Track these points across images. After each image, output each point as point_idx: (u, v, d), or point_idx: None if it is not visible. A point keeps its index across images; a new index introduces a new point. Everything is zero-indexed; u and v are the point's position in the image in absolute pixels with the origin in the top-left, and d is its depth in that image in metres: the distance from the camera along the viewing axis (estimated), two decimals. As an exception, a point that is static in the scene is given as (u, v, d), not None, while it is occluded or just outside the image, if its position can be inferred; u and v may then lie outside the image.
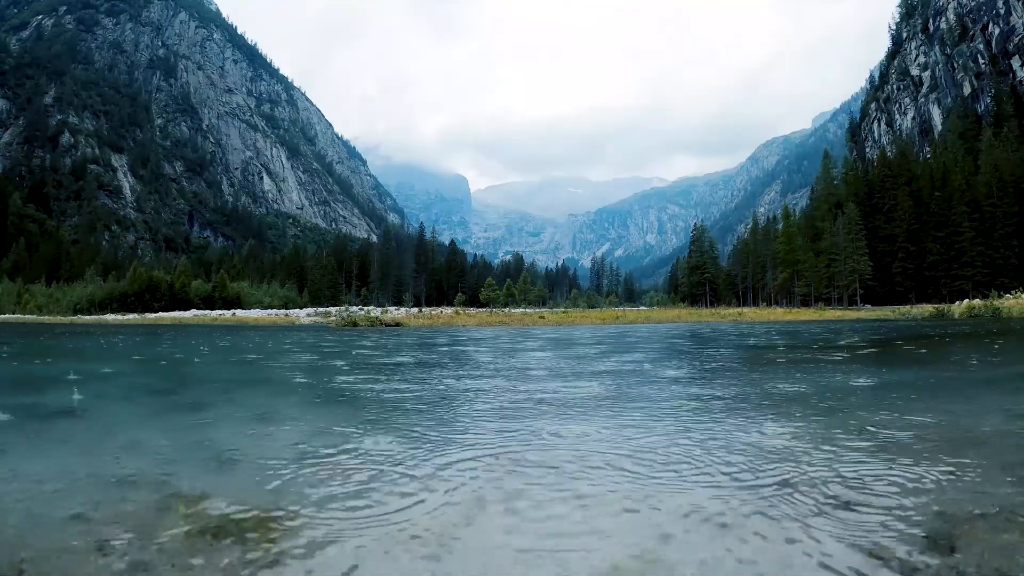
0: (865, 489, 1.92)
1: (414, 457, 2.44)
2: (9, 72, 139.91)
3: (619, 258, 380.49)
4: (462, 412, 3.61)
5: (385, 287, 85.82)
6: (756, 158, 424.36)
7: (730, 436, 2.77)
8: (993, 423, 3.01)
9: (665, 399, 4.05)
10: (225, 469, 2.29)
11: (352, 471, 2.22)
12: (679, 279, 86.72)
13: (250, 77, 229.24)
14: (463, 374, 5.98)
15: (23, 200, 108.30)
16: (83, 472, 2.23)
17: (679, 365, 6.89)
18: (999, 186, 50.70)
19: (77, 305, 55.09)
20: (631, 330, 17.64)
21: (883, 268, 54.39)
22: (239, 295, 62.97)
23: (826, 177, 64.72)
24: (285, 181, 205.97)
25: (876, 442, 2.61)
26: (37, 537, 1.58)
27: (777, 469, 2.17)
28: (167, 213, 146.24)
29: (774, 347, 9.68)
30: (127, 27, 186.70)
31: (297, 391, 5.05)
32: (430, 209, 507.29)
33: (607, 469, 2.23)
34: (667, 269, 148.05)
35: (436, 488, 2.00)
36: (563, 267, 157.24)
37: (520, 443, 2.69)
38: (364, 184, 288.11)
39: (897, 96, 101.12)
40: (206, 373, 6.91)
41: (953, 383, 4.83)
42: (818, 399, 3.92)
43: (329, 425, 3.23)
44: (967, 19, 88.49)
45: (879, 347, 9.26)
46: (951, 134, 69.91)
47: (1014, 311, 21.37)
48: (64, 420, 3.53)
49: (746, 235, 78.35)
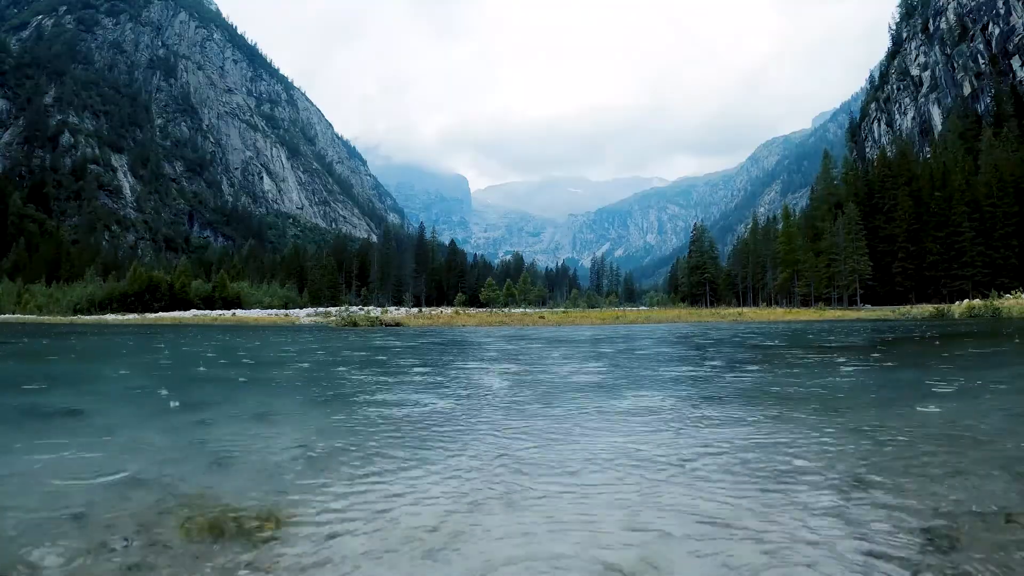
0: (865, 488, 1.92)
1: (414, 457, 2.44)
2: (9, 72, 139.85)
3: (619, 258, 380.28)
4: (463, 412, 3.61)
5: (385, 287, 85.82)
6: (756, 158, 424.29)
7: (729, 435, 2.77)
8: (993, 423, 3.01)
9: (664, 399, 4.05)
10: (225, 469, 2.29)
11: (352, 471, 2.22)
12: (679, 279, 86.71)
13: (250, 77, 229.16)
14: (464, 374, 5.98)
15: (23, 200, 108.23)
16: (84, 472, 2.23)
17: (681, 365, 6.89)
18: (999, 186, 50.68)
19: (77, 305, 55.06)
20: (631, 330, 17.63)
21: (883, 268, 54.37)
22: (239, 295, 62.94)
23: (826, 177, 64.71)
24: (285, 181, 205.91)
25: (876, 441, 2.61)
26: (38, 537, 1.59)
27: (777, 468, 2.18)
28: (167, 213, 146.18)
29: (775, 347, 9.68)
30: (127, 27, 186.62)
31: (297, 391, 5.05)
32: (430, 209, 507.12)
33: (607, 468, 2.23)
34: (667, 269, 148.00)
35: (436, 487, 2.00)
36: (563, 267, 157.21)
37: (520, 443, 2.69)
38: (364, 184, 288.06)
39: (897, 96, 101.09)
40: (205, 373, 6.91)
41: (953, 383, 4.83)
42: (818, 398, 3.92)
43: (329, 425, 3.23)
44: (967, 19, 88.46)
45: (879, 347, 9.26)
46: (951, 134, 69.88)
47: (1014, 311, 21.37)
48: (65, 420, 3.53)
49: (746, 235, 78.33)
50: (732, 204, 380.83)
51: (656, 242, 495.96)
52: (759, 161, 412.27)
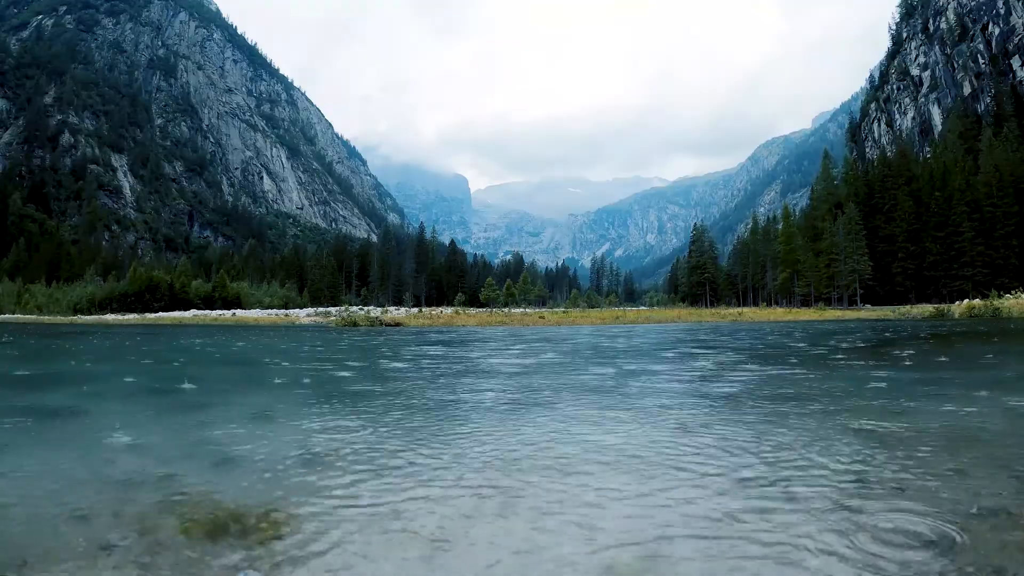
0: (866, 488, 1.92)
1: (414, 456, 2.44)
2: (9, 72, 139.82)
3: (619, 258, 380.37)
4: (463, 412, 3.61)
5: (385, 287, 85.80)
6: (756, 158, 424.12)
7: (729, 435, 2.76)
8: (993, 423, 3.01)
9: (665, 398, 4.05)
10: (226, 468, 2.29)
11: (353, 470, 2.22)
12: (679, 279, 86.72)
13: (250, 77, 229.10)
14: (463, 374, 5.97)
15: (23, 200, 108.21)
16: (84, 472, 2.23)
17: (681, 365, 6.89)
18: (999, 186, 50.66)
19: (77, 305, 55.04)
20: (631, 330, 17.62)
21: (883, 268, 54.35)
22: (239, 295, 62.91)
23: (826, 177, 64.68)
24: (285, 181, 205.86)
25: (876, 441, 2.61)
26: (39, 537, 1.59)
27: (777, 468, 2.17)
28: (167, 213, 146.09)
29: (776, 347, 9.68)
30: (127, 27, 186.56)
31: (297, 391, 5.05)
32: (430, 209, 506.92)
33: (607, 469, 2.23)
34: (667, 269, 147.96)
35: (436, 487, 2.00)
36: (563, 267, 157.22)
37: (521, 443, 2.69)
38: (364, 184, 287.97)
39: (897, 96, 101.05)
40: (206, 372, 6.91)
41: (953, 382, 4.83)
42: (817, 398, 3.92)
43: (329, 425, 3.23)
44: (967, 19, 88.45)
45: (879, 347, 9.26)
46: (951, 134, 69.86)
47: (1014, 311, 21.37)
48: (65, 420, 3.53)
49: (746, 235, 78.31)
50: (732, 204, 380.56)
51: (656, 242, 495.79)
52: (759, 161, 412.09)
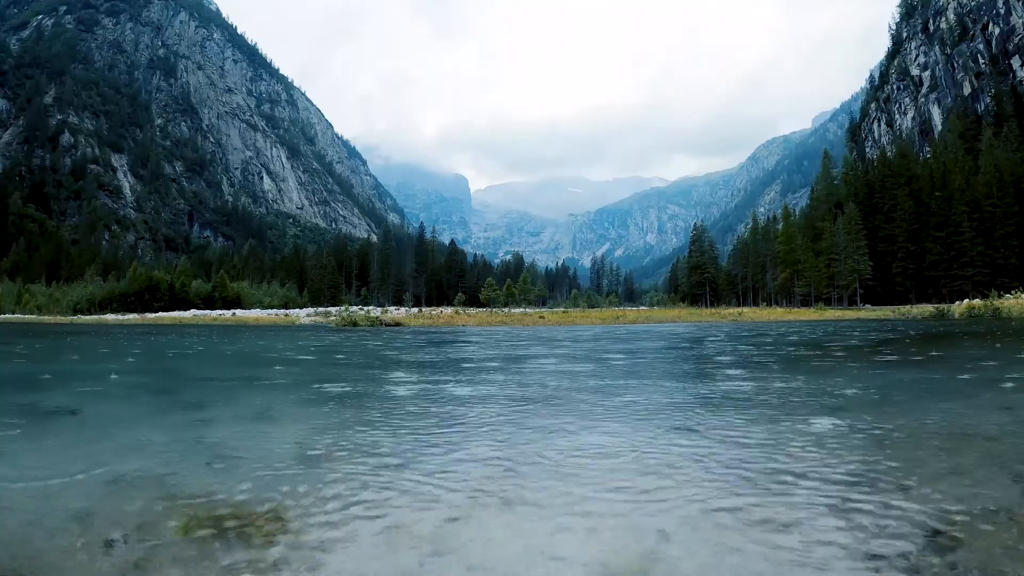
0: (865, 488, 1.92)
1: (414, 456, 2.44)
2: (9, 72, 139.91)
3: (619, 258, 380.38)
4: (463, 412, 3.61)
5: (385, 287, 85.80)
6: (756, 158, 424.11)
7: (728, 435, 2.77)
8: (993, 422, 3.01)
9: (664, 399, 4.05)
10: (226, 468, 2.29)
11: (352, 470, 2.22)
12: (679, 279, 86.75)
13: (250, 77, 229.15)
14: (462, 374, 5.97)
15: (23, 200, 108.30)
16: (84, 471, 2.23)
17: (682, 365, 6.89)
18: (999, 186, 50.66)
19: (77, 305, 55.05)
20: (631, 330, 17.62)
21: (883, 268, 54.35)
22: (239, 295, 62.93)
23: (826, 177, 64.70)
24: (285, 181, 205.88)
25: (876, 441, 2.61)
26: (39, 536, 1.59)
27: (776, 467, 2.17)
28: (167, 213, 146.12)
29: (777, 348, 9.68)
30: (127, 27, 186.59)
31: (297, 390, 5.05)
32: (430, 209, 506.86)
33: (607, 469, 2.23)
34: (667, 269, 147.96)
35: (436, 487, 2.00)
36: (563, 267, 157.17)
37: (521, 443, 2.69)
38: (364, 184, 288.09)
39: (897, 96, 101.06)
40: (206, 372, 6.91)
41: (953, 382, 4.83)
42: (817, 398, 3.92)
43: (329, 424, 3.23)
44: (967, 19, 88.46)
45: (879, 347, 9.25)
46: (951, 134, 69.81)
47: (1014, 311, 21.36)
48: (65, 419, 3.52)
49: (746, 235, 78.28)
50: (732, 204, 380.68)
51: (656, 242, 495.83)
52: (759, 161, 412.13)
